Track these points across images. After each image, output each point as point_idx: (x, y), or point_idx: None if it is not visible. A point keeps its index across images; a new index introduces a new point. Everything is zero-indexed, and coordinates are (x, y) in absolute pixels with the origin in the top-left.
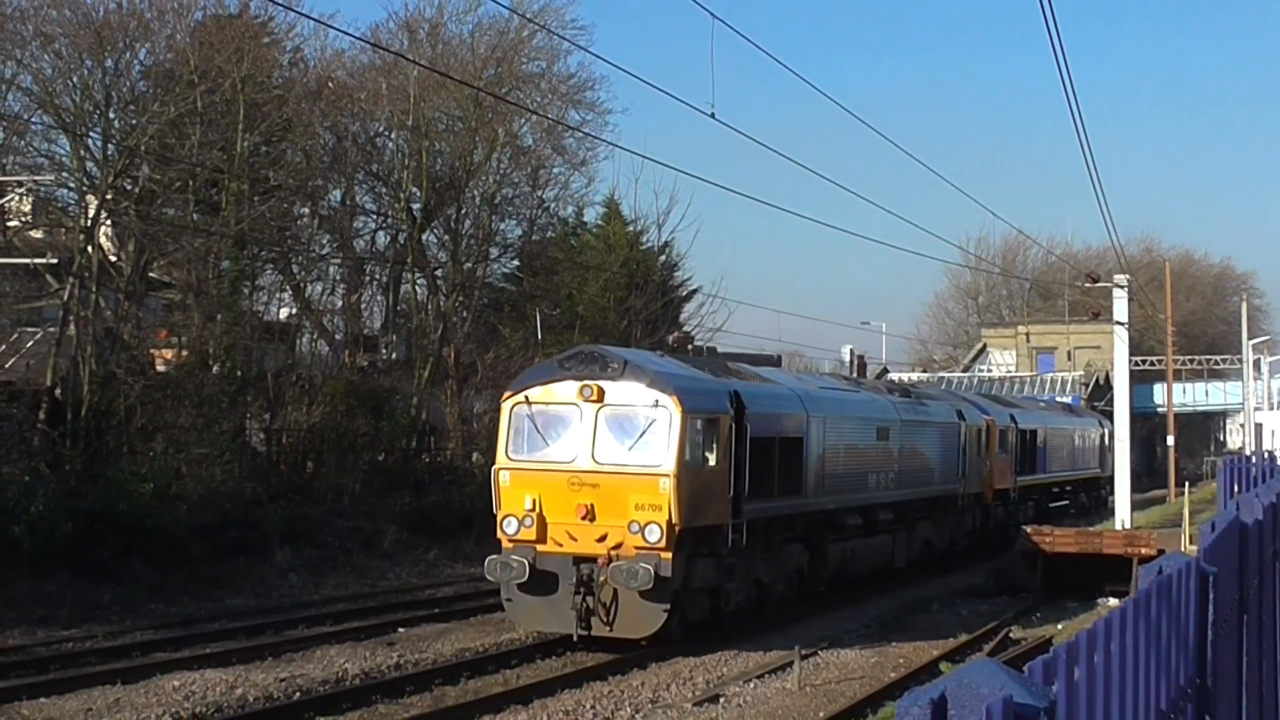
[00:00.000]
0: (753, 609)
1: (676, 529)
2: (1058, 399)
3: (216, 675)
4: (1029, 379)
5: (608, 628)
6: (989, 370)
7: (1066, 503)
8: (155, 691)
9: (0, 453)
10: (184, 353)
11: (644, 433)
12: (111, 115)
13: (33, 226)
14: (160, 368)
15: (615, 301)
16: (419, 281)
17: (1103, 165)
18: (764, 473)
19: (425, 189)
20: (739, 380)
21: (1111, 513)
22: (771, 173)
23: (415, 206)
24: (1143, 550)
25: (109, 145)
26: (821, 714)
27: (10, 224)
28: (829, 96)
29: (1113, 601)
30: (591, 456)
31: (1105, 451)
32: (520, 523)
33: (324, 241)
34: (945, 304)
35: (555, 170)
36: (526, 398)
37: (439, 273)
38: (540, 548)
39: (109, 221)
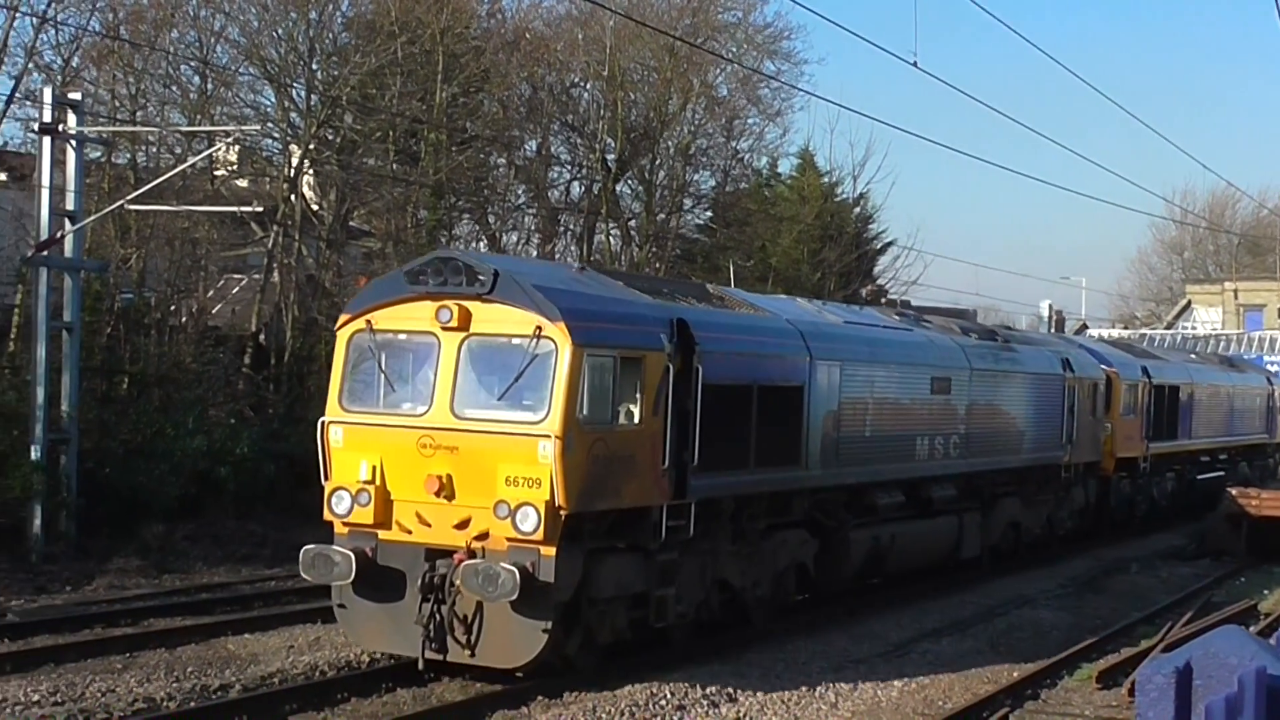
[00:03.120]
0: (721, 621)
1: (563, 513)
2: (1265, 360)
3: None
4: (1235, 337)
5: (468, 652)
6: (1193, 328)
7: (1222, 474)
8: None
9: (207, 396)
10: None
11: (520, 374)
12: (315, 66)
13: (239, 176)
14: None
15: (809, 254)
16: (613, 232)
17: None
18: (732, 434)
19: (620, 139)
20: (689, 304)
21: None
22: (972, 123)
23: (609, 157)
24: None
25: (312, 96)
26: (1015, 673)
27: (218, 173)
28: (1033, 44)
29: None
30: (450, 408)
31: (1276, 414)
32: (354, 499)
33: (519, 191)
34: (1148, 259)
35: (750, 121)
36: (369, 322)
37: (632, 223)
38: (383, 534)
39: (311, 171)
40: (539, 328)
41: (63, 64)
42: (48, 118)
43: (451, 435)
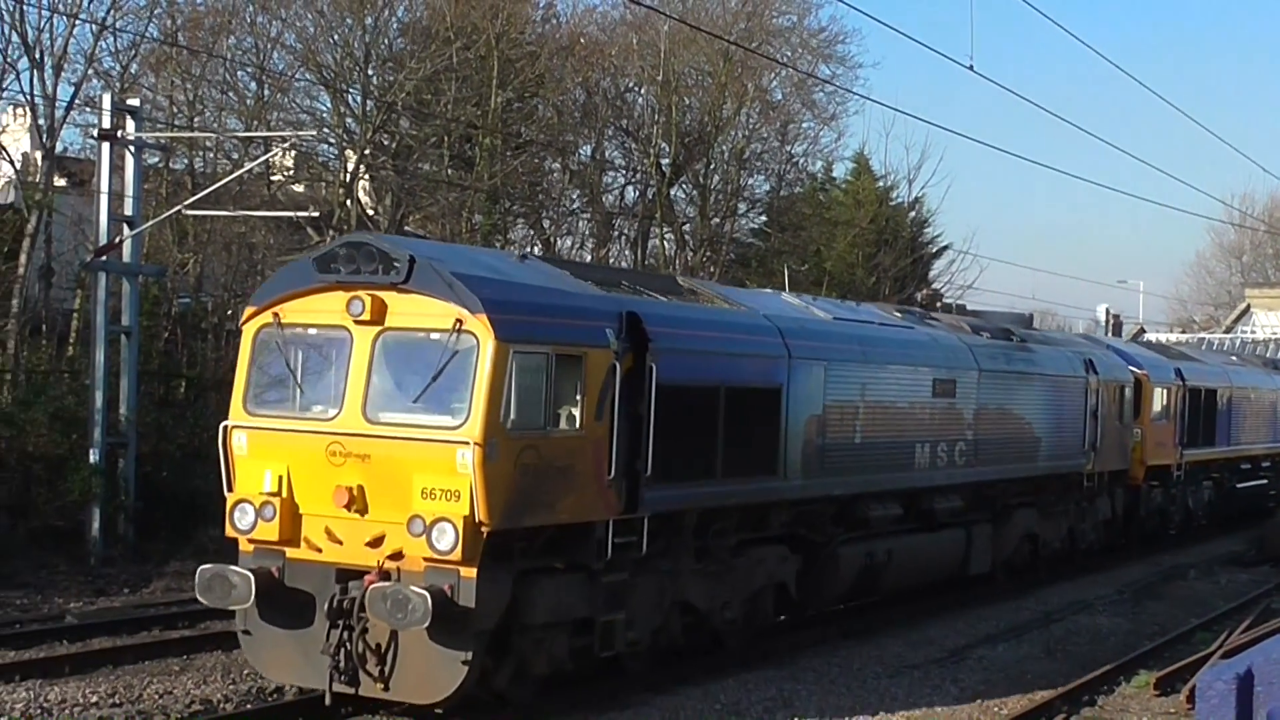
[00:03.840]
0: (683, 648)
1: (485, 530)
2: None
3: None
4: None
5: (381, 686)
6: (1252, 332)
7: (1265, 482)
8: None
9: None
10: None
11: (439, 374)
12: (370, 72)
13: (295, 181)
14: None
15: (863, 258)
16: (667, 236)
17: None
18: (694, 441)
19: (674, 144)
20: (645, 297)
21: None
22: (1028, 126)
23: (664, 161)
24: None
25: (368, 101)
26: (1072, 679)
27: (274, 178)
28: (1090, 46)
29: None
30: (362, 412)
31: None
32: (259, 513)
33: (574, 196)
34: (1206, 263)
35: (804, 125)
36: (277, 315)
37: (686, 227)
38: (290, 553)
39: (367, 176)
40: (459, 320)
41: (121, 70)
42: (107, 124)
43: (363, 442)
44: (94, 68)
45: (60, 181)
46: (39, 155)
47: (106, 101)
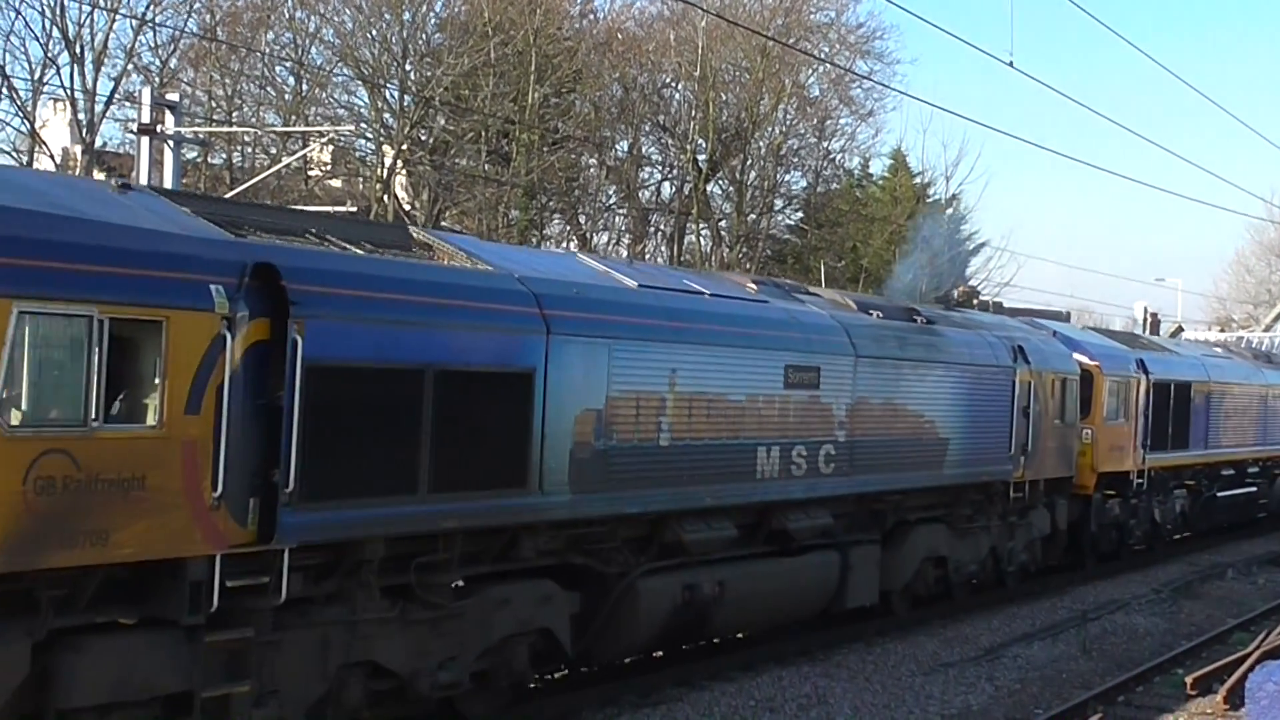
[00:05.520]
0: None
1: None
2: None
3: None
4: None
5: None
6: None
7: (1254, 490)
8: None
9: None
10: None
11: None
12: (408, 67)
13: (333, 176)
14: None
15: (900, 254)
16: (703, 232)
17: None
18: (379, 445)
19: (711, 140)
20: (301, 243)
21: None
22: (1067, 123)
23: (700, 157)
24: None
25: (405, 97)
26: (1108, 679)
27: (312, 173)
28: (1130, 42)
29: None
30: None
31: None
32: None
33: (610, 192)
34: (1246, 261)
35: (842, 121)
36: None
37: (723, 224)
38: None
39: (405, 171)
40: None
41: (161, 65)
42: (146, 118)
43: None
44: (133, 63)
45: (99, 176)
46: (79, 150)
47: (146, 96)
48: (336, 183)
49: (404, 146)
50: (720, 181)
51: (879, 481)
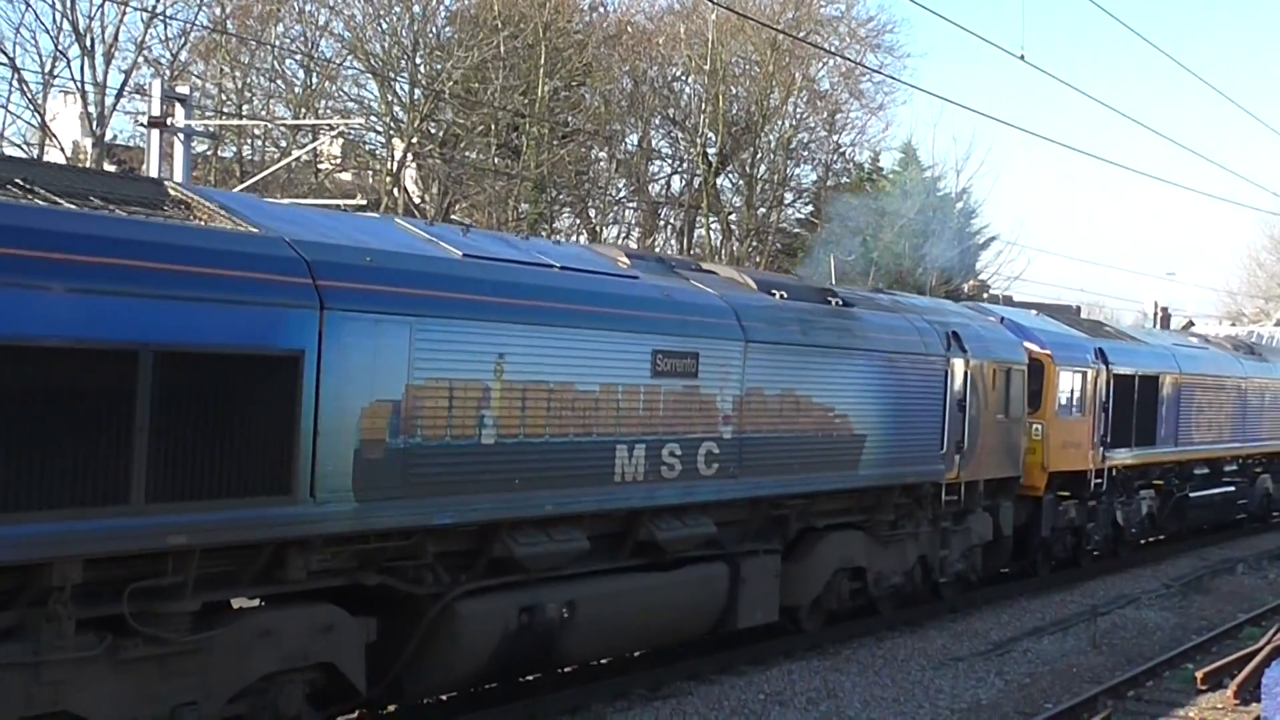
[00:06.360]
0: None
1: None
2: None
3: None
4: None
5: None
6: None
7: (1231, 489)
8: None
9: None
10: None
11: None
12: (418, 60)
13: (342, 169)
14: None
15: (910, 248)
16: (713, 226)
17: None
18: (64, 444)
19: (721, 133)
20: None
21: None
22: (1078, 117)
23: (710, 151)
24: None
25: (415, 90)
26: (1117, 673)
27: (322, 166)
28: (1142, 35)
29: None
30: None
31: None
32: None
33: (620, 185)
34: (1257, 255)
35: (852, 115)
36: None
37: (733, 217)
38: None
39: (414, 164)
40: None
41: (171, 58)
42: (156, 111)
43: None
44: (144, 55)
45: (110, 168)
46: (89, 142)
47: (156, 89)
48: (346, 176)
49: (414, 140)
50: (730, 175)
51: (776, 484)
